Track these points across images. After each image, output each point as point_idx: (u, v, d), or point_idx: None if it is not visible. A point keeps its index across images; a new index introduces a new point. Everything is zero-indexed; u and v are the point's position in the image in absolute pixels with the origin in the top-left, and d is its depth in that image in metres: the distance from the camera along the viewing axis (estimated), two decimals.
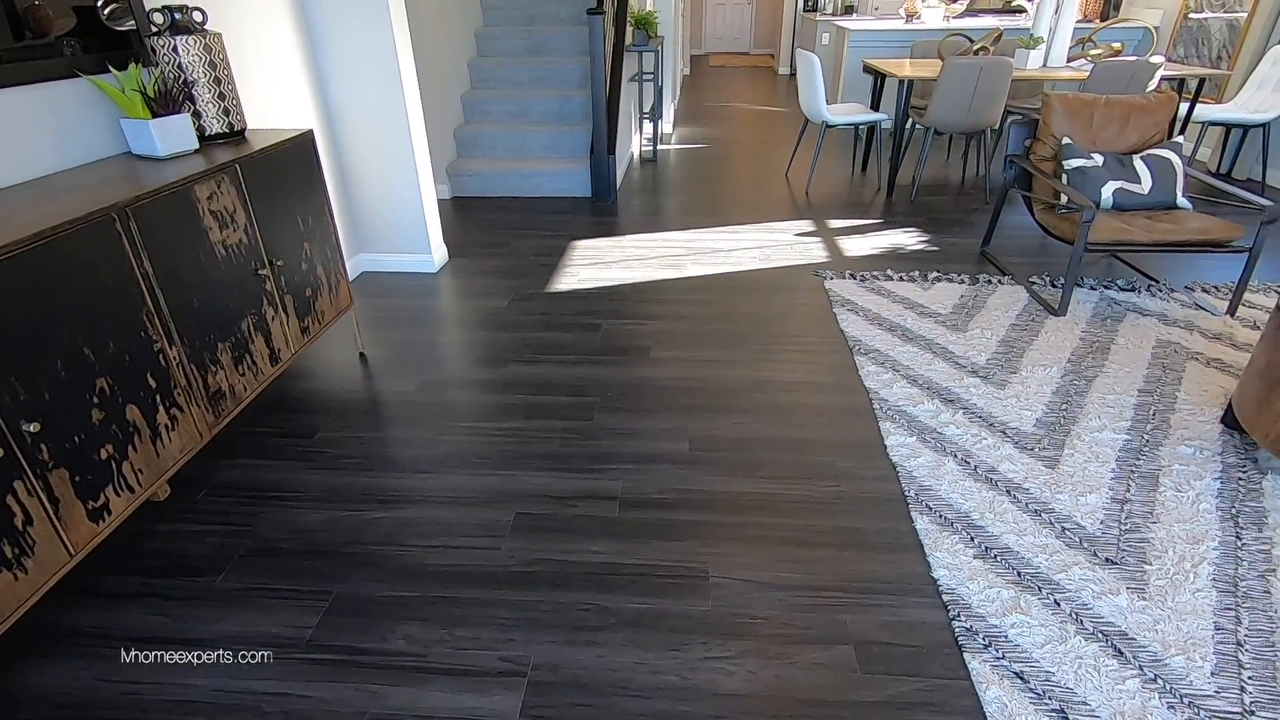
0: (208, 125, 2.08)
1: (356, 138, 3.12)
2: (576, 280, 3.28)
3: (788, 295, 3.10)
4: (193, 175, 1.77)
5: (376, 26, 2.88)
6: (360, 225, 3.33)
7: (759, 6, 12.80)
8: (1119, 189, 2.89)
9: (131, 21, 1.99)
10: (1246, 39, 4.74)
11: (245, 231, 1.97)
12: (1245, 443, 2.04)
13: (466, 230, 4.00)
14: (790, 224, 4.02)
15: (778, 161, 5.42)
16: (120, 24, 1.97)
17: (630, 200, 4.53)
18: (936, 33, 5.88)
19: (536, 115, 4.90)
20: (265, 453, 2.08)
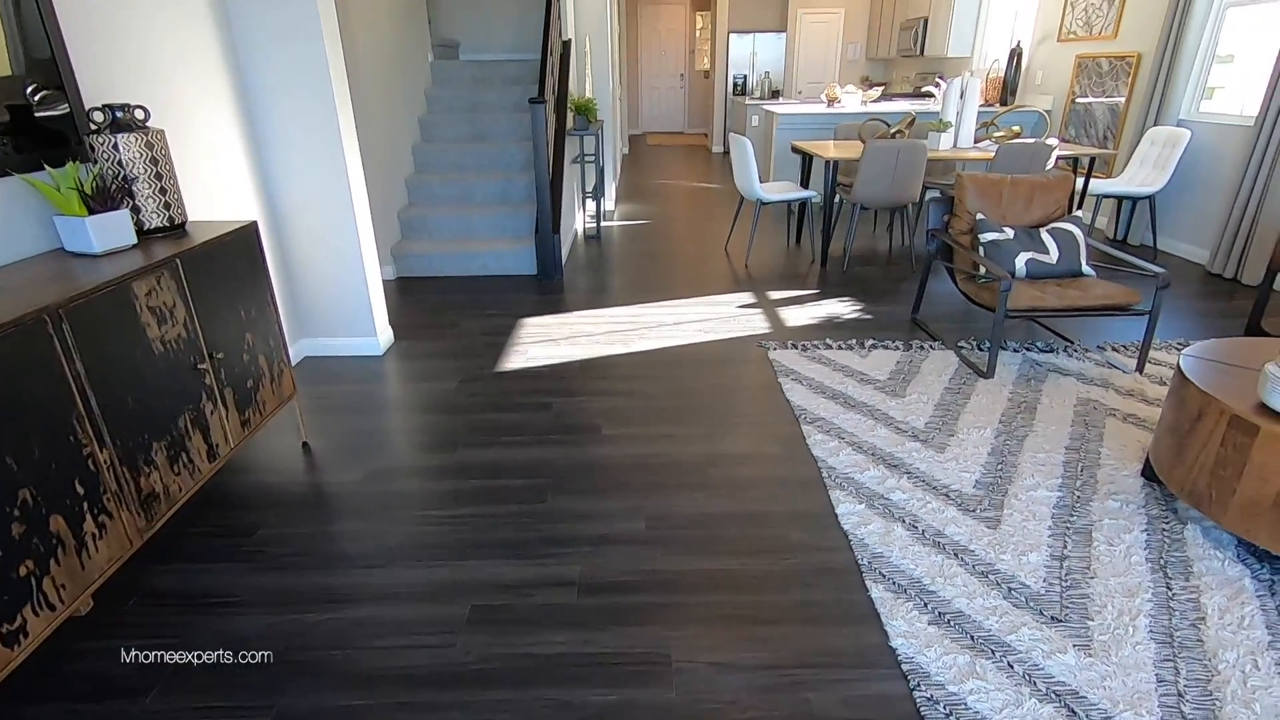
0: (147, 220, 2.06)
1: (301, 224, 3.12)
2: (525, 359, 3.30)
3: (734, 367, 3.18)
4: (130, 272, 1.74)
5: (321, 117, 2.94)
6: (304, 310, 3.29)
7: (691, 90, 13.56)
8: (1030, 259, 3.13)
9: (65, 106, 1.97)
10: (1126, 121, 5.28)
11: (185, 326, 1.93)
12: (1165, 494, 2.17)
13: (412, 311, 3.99)
14: (732, 296, 4.17)
15: (717, 236, 5.64)
16: (53, 109, 1.94)
17: (576, 277, 4.62)
18: (856, 116, 6.34)
19: (481, 197, 5.00)
20: (201, 555, 1.97)
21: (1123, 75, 5.32)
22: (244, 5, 2.76)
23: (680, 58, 13.35)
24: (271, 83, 2.88)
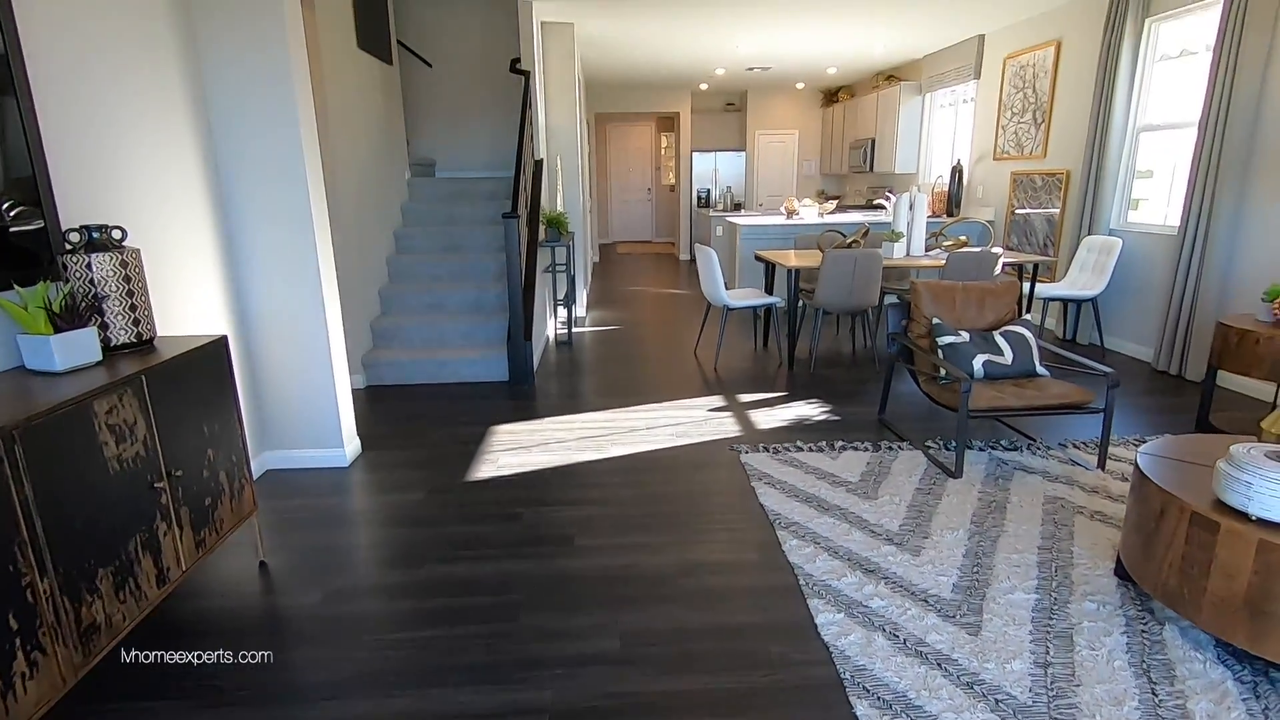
0: (115, 336, 2.05)
1: (271, 335, 3.13)
2: (496, 467, 3.26)
3: (707, 472, 3.17)
4: (91, 391, 1.71)
5: (298, 233, 3.01)
6: (269, 421, 3.23)
7: (658, 201, 14.25)
8: (987, 361, 3.25)
9: (40, 222, 1.99)
10: (1063, 231, 5.67)
11: (144, 443, 1.88)
12: (1139, 593, 2.16)
13: (381, 420, 3.94)
14: (703, 400, 4.22)
15: (686, 340, 5.77)
16: (27, 224, 1.95)
17: (548, 383, 4.65)
18: (814, 227, 6.71)
19: (454, 306, 5.09)
20: (143, 691, 1.83)
21: (1055, 189, 5.76)
22: (226, 123, 2.89)
23: (647, 173, 14.12)
24: (250, 198, 2.96)
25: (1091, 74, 5.25)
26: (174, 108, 2.66)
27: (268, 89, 2.85)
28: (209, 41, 2.79)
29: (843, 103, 10.39)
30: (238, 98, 2.85)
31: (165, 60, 2.61)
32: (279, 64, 2.82)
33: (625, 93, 11.02)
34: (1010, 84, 6.38)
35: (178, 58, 2.69)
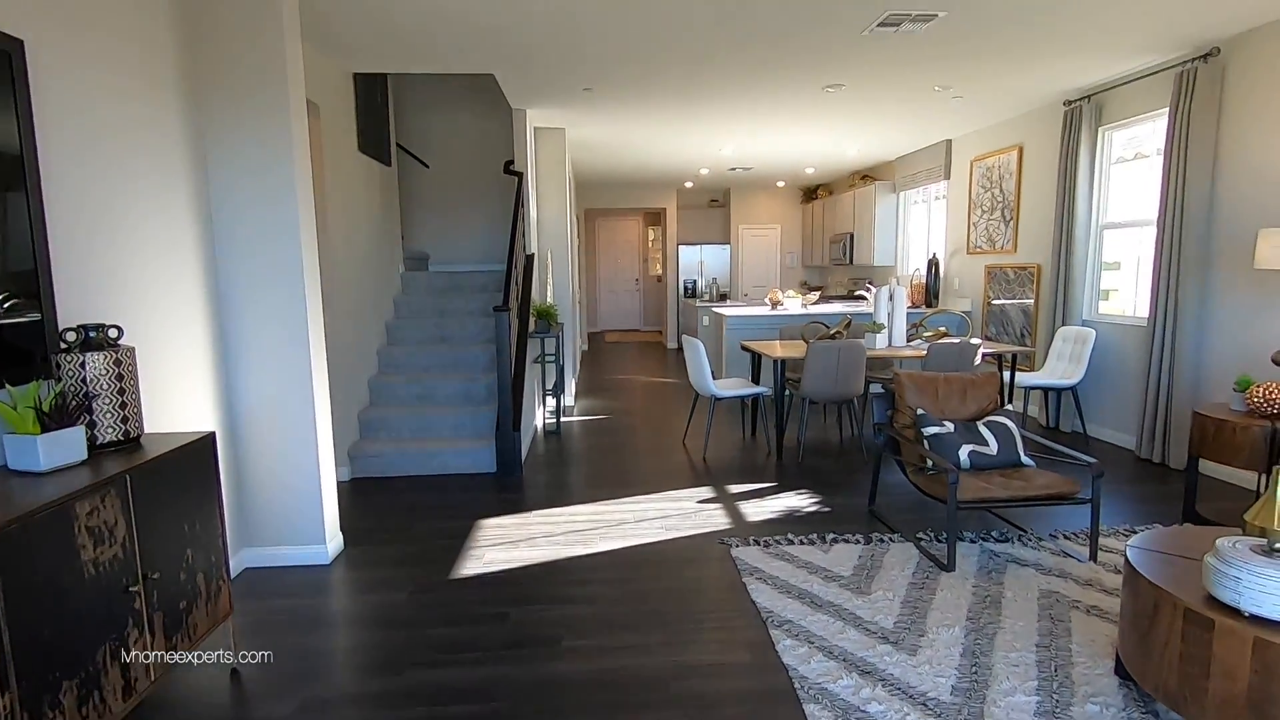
0: (102, 434, 2.04)
1: (258, 430, 3.12)
2: (482, 563, 3.18)
3: (697, 567, 3.12)
4: (73, 493, 1.69)
5: (292, 330, 3.06)
6: (249, 518, 3.17)
7: (646, 291, 14.59)
8: (972, 451, 3.28)
9: (36, 314, 2.02)
10: (1038, 321, 5.85)
11: (123, 545, 1.84)
12: (1141, 694, 2.11)
13: (365, 514, 3.87)
14: (692, 491, 4.18)
15: (674, 429, 5.78)
16: (20, 317, 1.97)
17: (536, 474, 4.61)
18: (799, 318, 6.88)
19: (443, 397, 5.10)
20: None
21: (1028, 282, 5.99)
22: (228, 224, 2.98)
23: (635, 264, 14.52)
24: (247, 297, 3.03)
25: (1053, 175, 5.57)
26: (179, 208, 2.76)
27: (272, 194, 2.97)
28: (216, 146, 2.93)
29: (822, 199, 10.89)
30: (241, 201, 2.97)
31: (174, 165, 2.74)
32: (284, 170, 2.96)
33: (614, 190, 11.51)
34: (978, 184, 6.74)
35: (186, 162, 2.81)
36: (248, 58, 2.89)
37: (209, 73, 2.89)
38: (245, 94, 2.91)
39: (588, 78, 4.86)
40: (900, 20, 3.73)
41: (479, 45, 4.11)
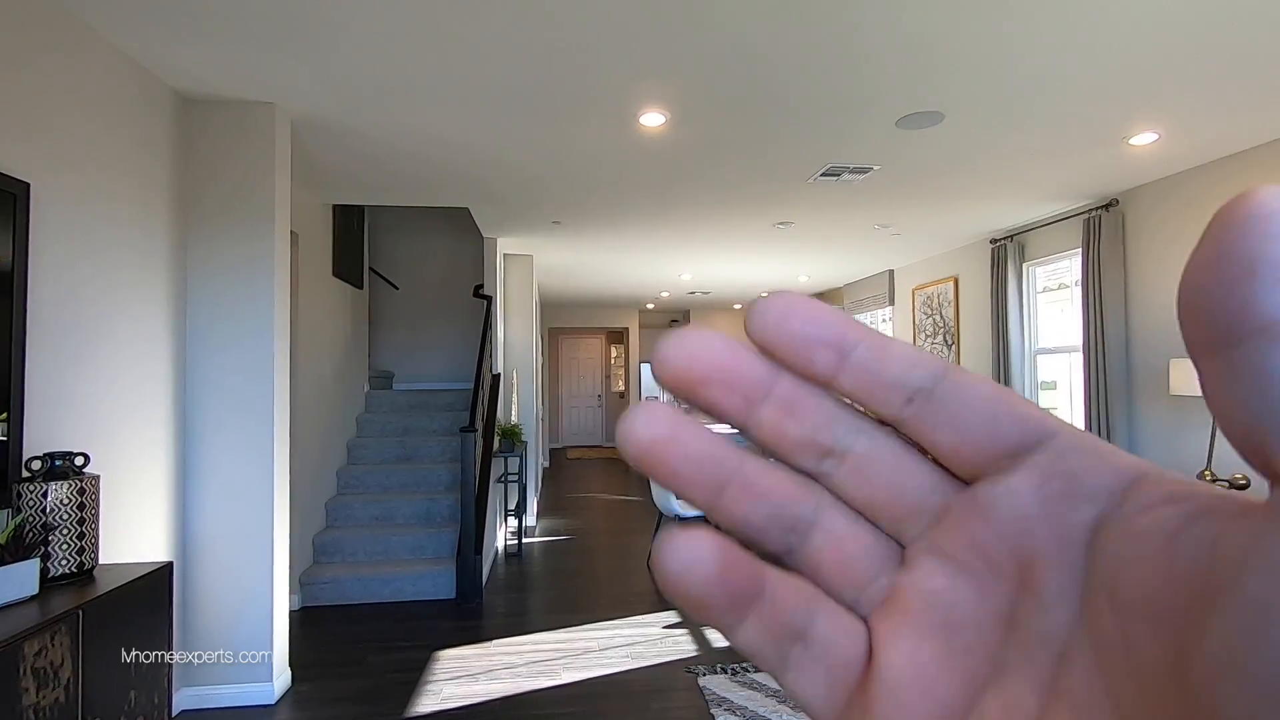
0: (55, 566, 1.98)
1: (211, 561, 3.02)
2: (439, 700, 3.03)
3: (664, 698, 3.03)
4: (22, 632, 1.63)
5: (257, 461, 3.04)
6: (190, 653, 3.00)
7: (609, 407, 14.72)
8: None
9: (3, 437, 2.00)
10: None
11: (66, 689, 1.75)
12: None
13: (316, 647, 3.68)
14: (657, 616, 4.11)
15: (638, 550, 5.71)
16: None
17: (496, 600, 4.47)
18: None
19: (403, 517, 5.00)
20: None
21: None
22: (202, 352, 3.03)
23: (598, 381, 14.74)
24: (214, 424, 3.03)
25: (987, 304, 6.03)
26: (156, 336, 2.82)
27: (250, 327, 3.04)
28: (199, 277, 3.04)
29: None
30: (219, 331, 3.04)
31: (156, 293, 2.82)
32: (264, 304, 3.05)
33: (578, 310, 11.90)
34: (920, 310, 7.23)
35: (167, 290, 2.90)
36: (239, 195, 3.06)
37: (200, 207, 3.04)
38: (233, 228, 3.05)
39: (557, 213, 5.20)
40: (840, 171, 4.17)
41: (455, 184, 4.42)
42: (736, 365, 0.19)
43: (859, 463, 0.18)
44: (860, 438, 0.19)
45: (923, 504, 0.18)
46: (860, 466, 0.18)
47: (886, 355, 0.18)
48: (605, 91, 2.98)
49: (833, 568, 0.19)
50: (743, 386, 0.19)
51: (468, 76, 2.82)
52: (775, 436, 0.19)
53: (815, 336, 0.18)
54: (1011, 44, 2.60)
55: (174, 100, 2.93)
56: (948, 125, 3.42)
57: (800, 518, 0.19)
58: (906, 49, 2.64)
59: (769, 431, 0.19)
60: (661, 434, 0.18)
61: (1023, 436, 0.17)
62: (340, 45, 2.57)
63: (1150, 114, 3.32)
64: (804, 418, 0.18)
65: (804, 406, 0.18)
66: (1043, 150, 3.83)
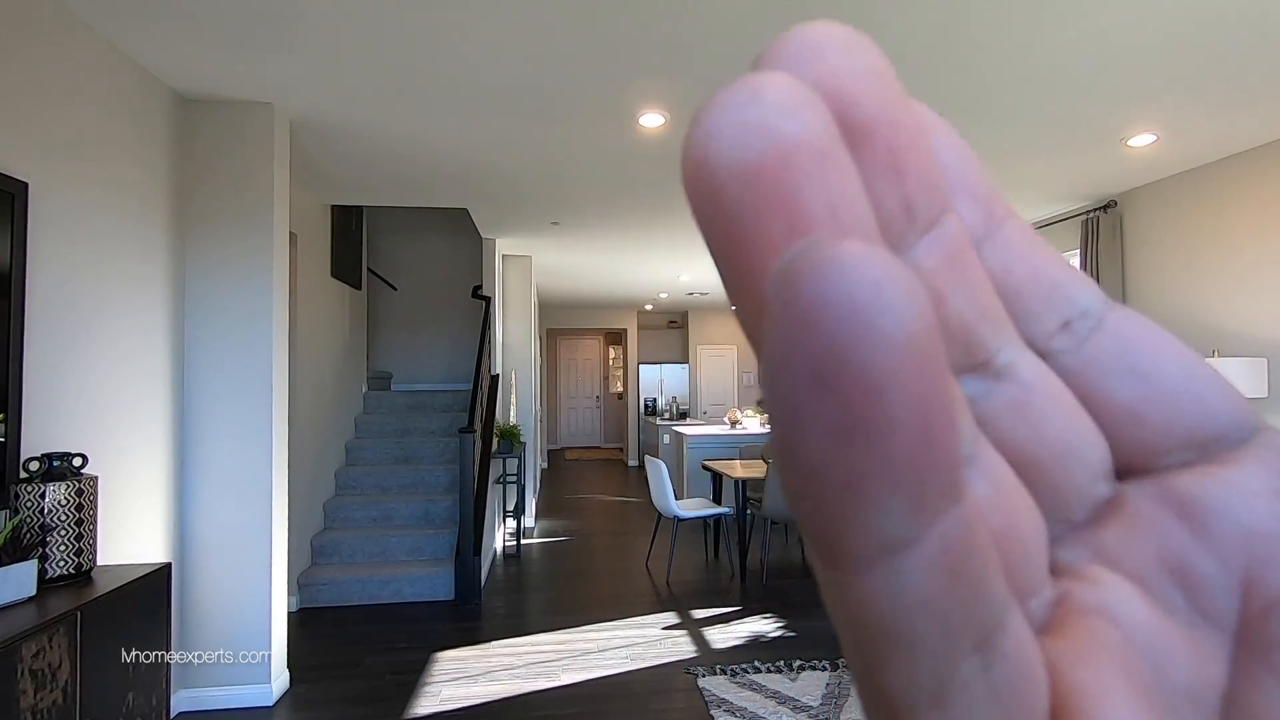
0: (53, 568, 1.98)
1: (209, 561, 3.01)
2: (438, 701, 3.03)
3: (664, 700, 3.03)
4: (20, 633, 1.63)
5: (256, 462, 3.03)
6: (190, 653, 2.98)
7: (607, 408, 14.72)
8: None
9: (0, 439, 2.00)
10: None
11: (64, 690, 1.74)
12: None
13: (314, 648, 3.67)
14: (656, 617, 4.10)
15: (637, 551, 5.71)
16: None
17: (495, 601, 4.46)
18: (758, 438, 7.04)
19: (401, 519, 4.99)
20: None
21: None
22: (201, 352, 3.02)
23: (596, 382, 14.74)
24: (213, 425, 3.02)
25: None
26: (155, 335, 2.81)
27: (249, 326, 3.03)
28: (198, 276, 3.03)
29: None
30: (218, 332, 3.03)
31: (155, 292, 2.81)
32: (263, 305, 3.05)
33: (577, 311, 11.89)
34: None
35: (166, 290, 2.89)
36: (238, 195, 3.06)
37: (198, 207, 3.03)
38: (231, 229, 3.05)
39: (556, 214, 5.20)
40: None
41: (453, 185, 4.42)
42: (916, 135, 0.11)
43: (1022, 397, 0.12)
44: (1025, 357, 0.12)
45: (1092, 484, 0.12)
46: (1024, 402, 0.12)
47: (1041, 249, 0.13)
48: (605, 92, 2.99)
49: (1000, 539, 0.11)
50: (917, 178, 0.11)
51: (467, 77, 2.82)
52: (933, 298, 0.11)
53: (962, 174, 0.12)
54: (1009, 46, 2.60)
55: (173, 100, 2.93)
56: None
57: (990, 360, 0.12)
58: (906, 49, 2.64)
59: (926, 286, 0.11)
60: (811, 133, 0.09)
61: (1234, 422, 0.12)
62: (339, 45, 2.57)
63: (1148, 115, 3.33)
64: (972, 289, 0.12)
65: (972, 274, 0.12)
66: (1041, 151, 3.84)
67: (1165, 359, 0.12)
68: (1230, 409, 0.12)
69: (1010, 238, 0.13)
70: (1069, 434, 0.12)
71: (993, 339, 0.12)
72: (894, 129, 0.11)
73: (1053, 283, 0.13)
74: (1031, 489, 0.12)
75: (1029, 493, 0.12)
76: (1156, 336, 0.13)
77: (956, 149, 0.12)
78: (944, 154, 0.12)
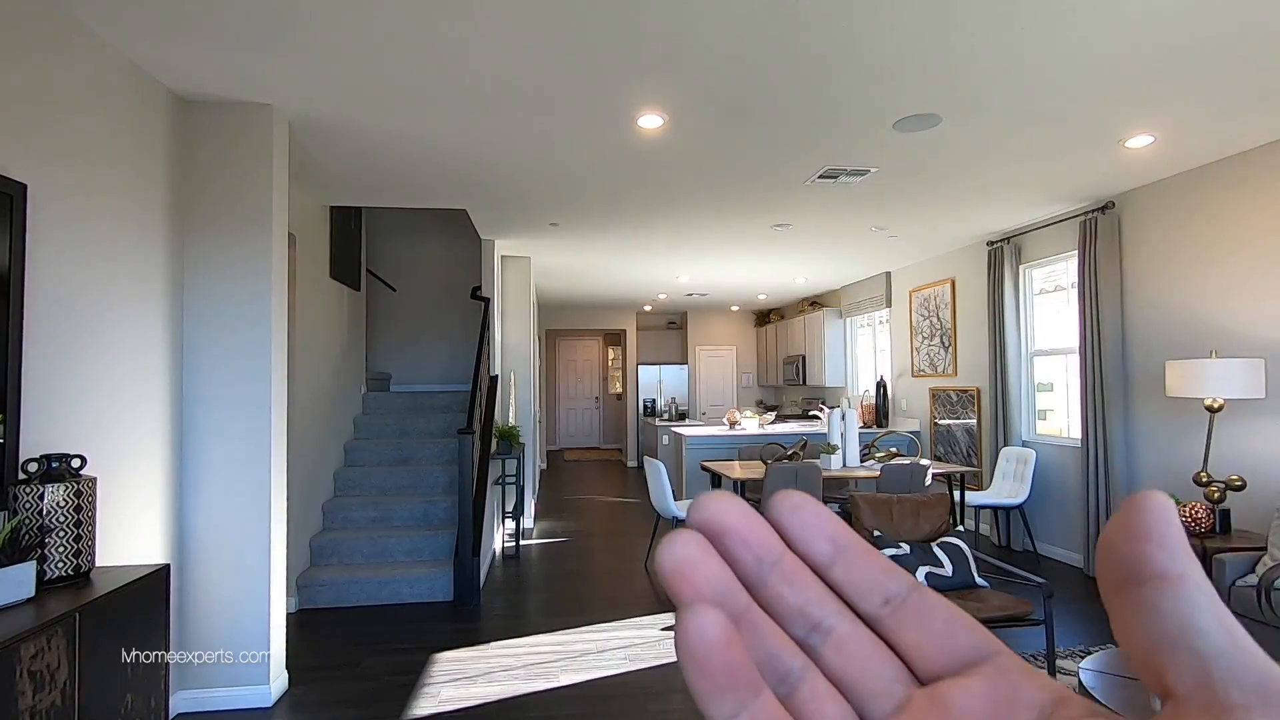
0: (52, 569, 1.98)
1: (208, 562, 3.01)
2: (437, 703, 3.03)
3: (663, 700, 3.03)
4: (19, 634, 1.63)
5: (254, 462, 3.03)
6: (190, 653, 2.98)
7: (605, 409, 14.72)
8: (929, 573, 3.35)
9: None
10: (982, 441, 6.13)
11: (62, 691, 1.75)
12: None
13: (313, 649, 3.67)
14: (655, 618, 4.10)
15: (635, 551, 5.71)
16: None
17: (494, 602, 4.47)
18: (756, 439, 7.04)
19: (400, 520, 4.99)
20: None
21: (970, 404, 6.32)
22: (199, 353, 3.02)
23: (595, 382, 14.74)
24: (212, 425, 3.02)
25: (984, 306, 6.05)
26: (153, 336, 2.81)
27: (248, 328, 3.04)
28: (197, 278, 3.03)
29: (774, 323, 11.43)
30: (217, 332, 3.03)
31: (153, 294, 2.81)
32: (261, 305, 3.05)
33: (576, 312, 11.89)
34: (917, 312, 7.24)
35: (165, 291, 2.89)
36: (236, 196, 3.06)
37: (197, 208, 3.04)
38: (230, 230, 3.05)
39: (555, 215, 5.20)
40: (837, 174, 4.18)
41: (452, 186, 4.42)
42: (755, 529, 0.22)
43: (840, 641, 0.22)
44: (843, 621, 0.22)
45: (889, 690, 0.22)
46: (841, 644, 0.22)
47: (872, 559, 0.23)
48: (603, 93, 2.99)
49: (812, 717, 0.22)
50: (757, 547, 0.22)
51: (465, 78, 2.83)
52: (776, 597, 0.22)
53: (820, 528, 0.23)
54: (1008, 47, 2.61)
55: (171, 101, 2.93)
56: (944, 128, 3.44)
57: (790, 670, 0.22)
58: (903, 52, 2.65)
59: (772, 592, 0.22)
60: (696, 553, 0.22)
61: (975, 648, 0.21)
62: (337, 47, 2.57)
63: (1146, 117, 3.33)
64: (800, 590, 0.22)
65: (802, 582, 0.23)
66: (1039, 153, 3.85)
67: (936, 615, 0.22)
68: (973, 642, 0.21)
69: (850, 558, 0.23)
70: (867, 660, 0.22)
71: (818, 613, 0.22)
72: (740, 527, 0.22)
73: (875, 579, 0.22)
74: (849, 690, 0.22)
75: (847, 692, 0.22)
76: (935, 604, 0.22)
77: (817, 514, 0.23)
78: (807, 518, 0.23)
